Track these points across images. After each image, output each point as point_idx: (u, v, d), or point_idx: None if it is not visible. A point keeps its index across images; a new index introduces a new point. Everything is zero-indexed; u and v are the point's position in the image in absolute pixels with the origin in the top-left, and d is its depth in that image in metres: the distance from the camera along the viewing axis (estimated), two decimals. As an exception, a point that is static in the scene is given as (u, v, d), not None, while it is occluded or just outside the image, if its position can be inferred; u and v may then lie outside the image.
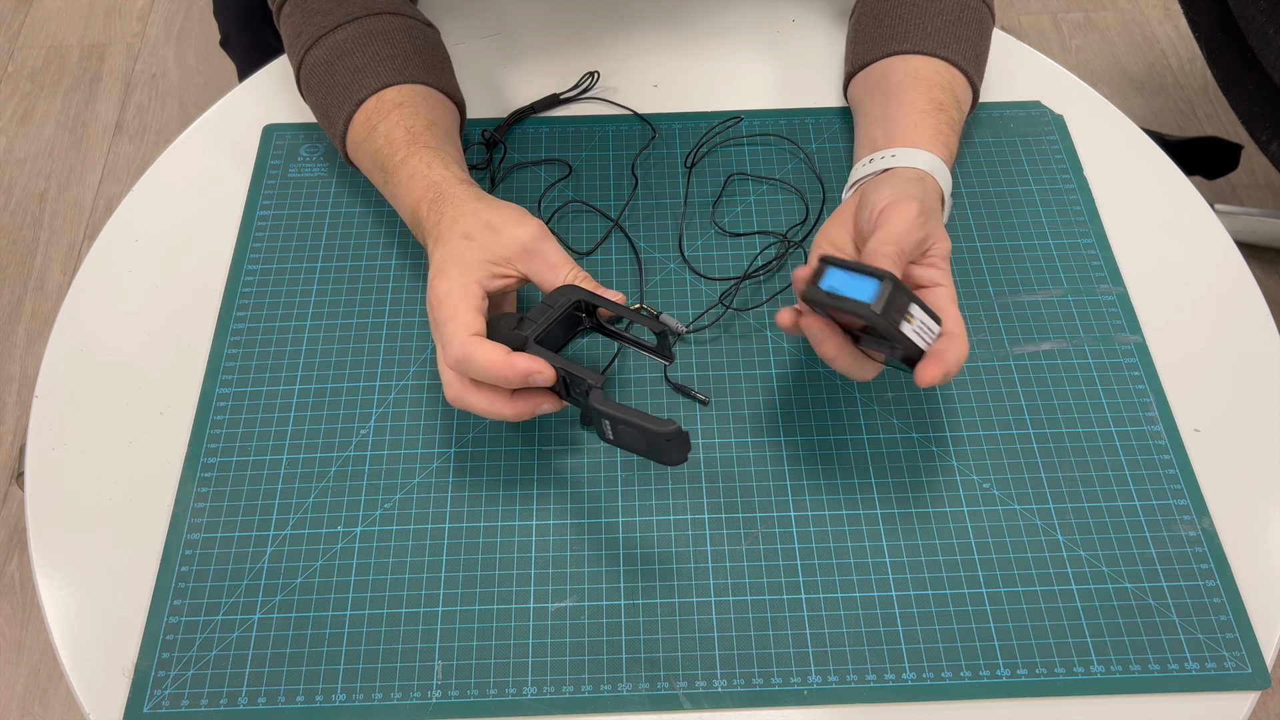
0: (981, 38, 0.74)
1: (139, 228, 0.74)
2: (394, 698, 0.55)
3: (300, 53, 0.72)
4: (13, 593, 1.29)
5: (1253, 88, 1.14)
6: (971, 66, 0.71)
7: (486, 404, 0.56)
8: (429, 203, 0.62)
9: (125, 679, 0.56)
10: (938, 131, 0.66)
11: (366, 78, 0.69)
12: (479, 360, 0.54)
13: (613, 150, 0.78)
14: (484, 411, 0.57)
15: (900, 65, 0.71)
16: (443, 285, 0.57)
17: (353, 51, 0.70)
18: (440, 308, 0.57)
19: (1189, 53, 1.81)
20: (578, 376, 0.55)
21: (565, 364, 0.55)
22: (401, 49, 0.71)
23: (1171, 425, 0.64)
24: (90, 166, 1.70)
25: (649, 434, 0.53)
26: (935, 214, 0.60)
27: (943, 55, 0.70)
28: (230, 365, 0.67)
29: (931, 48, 0.70)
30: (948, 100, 0.68)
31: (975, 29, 0.73)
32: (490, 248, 0.58)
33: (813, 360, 0.66)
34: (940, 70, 0.70)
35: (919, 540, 0.60)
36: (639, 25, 0.86)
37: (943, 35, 0.71)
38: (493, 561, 0.59)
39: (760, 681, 0.55)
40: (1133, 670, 0.55)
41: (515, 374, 0.54)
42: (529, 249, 0.58)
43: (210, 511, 0.61)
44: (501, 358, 0.54)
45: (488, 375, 0.55)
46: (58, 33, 1.90)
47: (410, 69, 0.70)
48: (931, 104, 0.67)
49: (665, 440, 0.52)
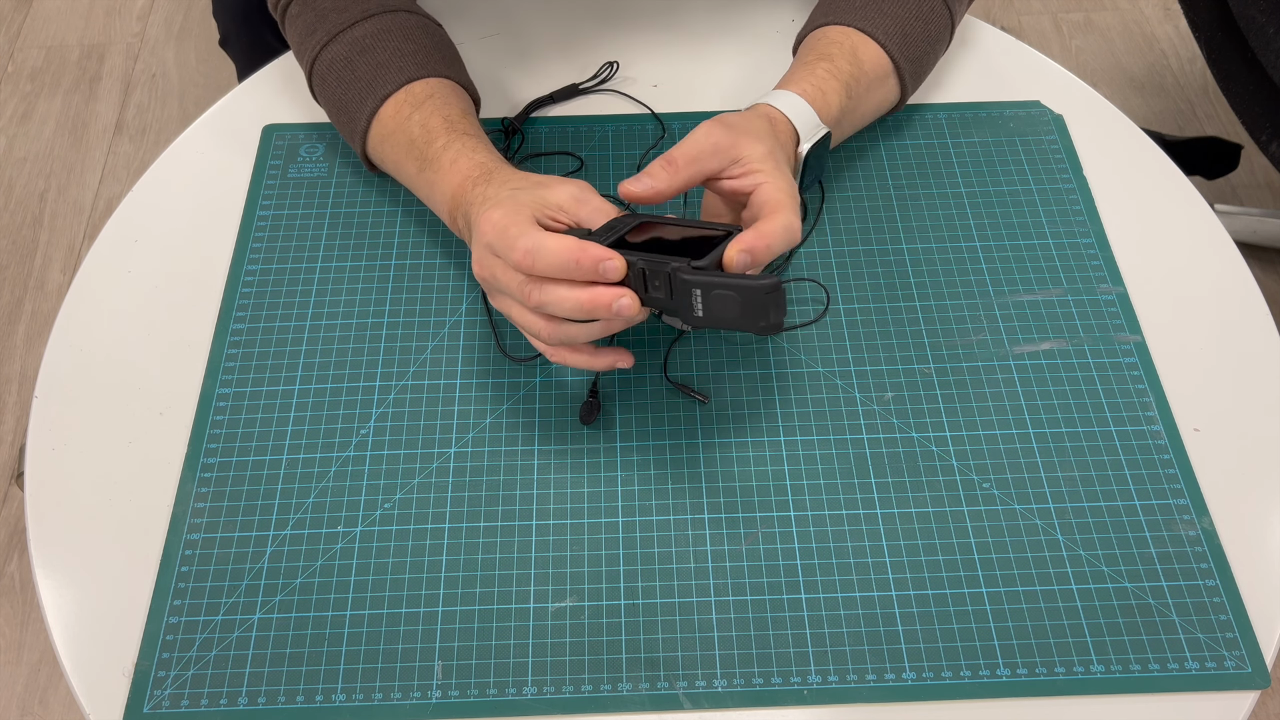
0: (915, 19, 0.72)
1: (139, 228, 0.74)
2: (394, 698, 0.55)
3: (315, 50, 0.72)
4: (13, 593, 1.29)
5: (1253, 88, 1.13)
6: (889, 39, 0.71)
7: (566, 294, 0.54)
8: (474, 180, 0.63)
9: (125, 679, 0.56)
10: (807, 75, 0.68)
11: (391, 72, 0.69)
12: (551, 247, 0.53)
13: (626, 148, 0.78)
14: (564, 300, 0.54)
15: (812, 35, 0.73)
16: (497, 214, 0.57)
17: (374, 47, 0.70)
18: (501, 232, 0.56)
19: (1189, 53, 1.81)
20: (657, 267, 0.53)
21: (641, 256, 0.53)
22: (422, 45, 0.71)
23: (1171, 425, 0.64)
24: (90, 166, 1.70)
25: (748, 292, 0.50)
26: (740, 128, 0.61)
27: (852, 24, 0.71)
28: (230, 365, 0.67)
29: (848, 19, 0.72)
30: (838, 53, 0.70)
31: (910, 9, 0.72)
32: (540, 196, 0.59)
33: (812, 360, 0.66)
34: (844, 34, 0.71)
35: (919, 540, 0.60)
36: (639, 25, 0.86)
37: (866, 10, 0.72)
38: (493, 561, 0.59)
39: (760, 681, 0.55)
40: (1133, 670, 0.55)
41: (587, 257, 0.53)
42: (579, 198, 0.59)
43: (210, 511, 0.61)
44: (574, 242, 0.53)
45: (559, 261, 0.53)
46: (58, 33, 1.90)
47: (433, 64, 0.71)
48: (816, 56, 0.70)
49: (765, 294, 0.50)
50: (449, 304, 0.70)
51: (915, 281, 0.70)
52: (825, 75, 0.68)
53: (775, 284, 0.50)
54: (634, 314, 0.55)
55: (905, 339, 0.67)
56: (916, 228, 0.73)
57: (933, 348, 0.67)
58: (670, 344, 0.67)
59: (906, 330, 0.68)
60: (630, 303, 0.54)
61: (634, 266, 0.54)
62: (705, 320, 0.53)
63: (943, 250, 0.72)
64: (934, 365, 0.66)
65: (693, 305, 0.53)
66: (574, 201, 0.59)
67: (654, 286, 0.54)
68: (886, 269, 0.71)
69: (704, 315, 0.53)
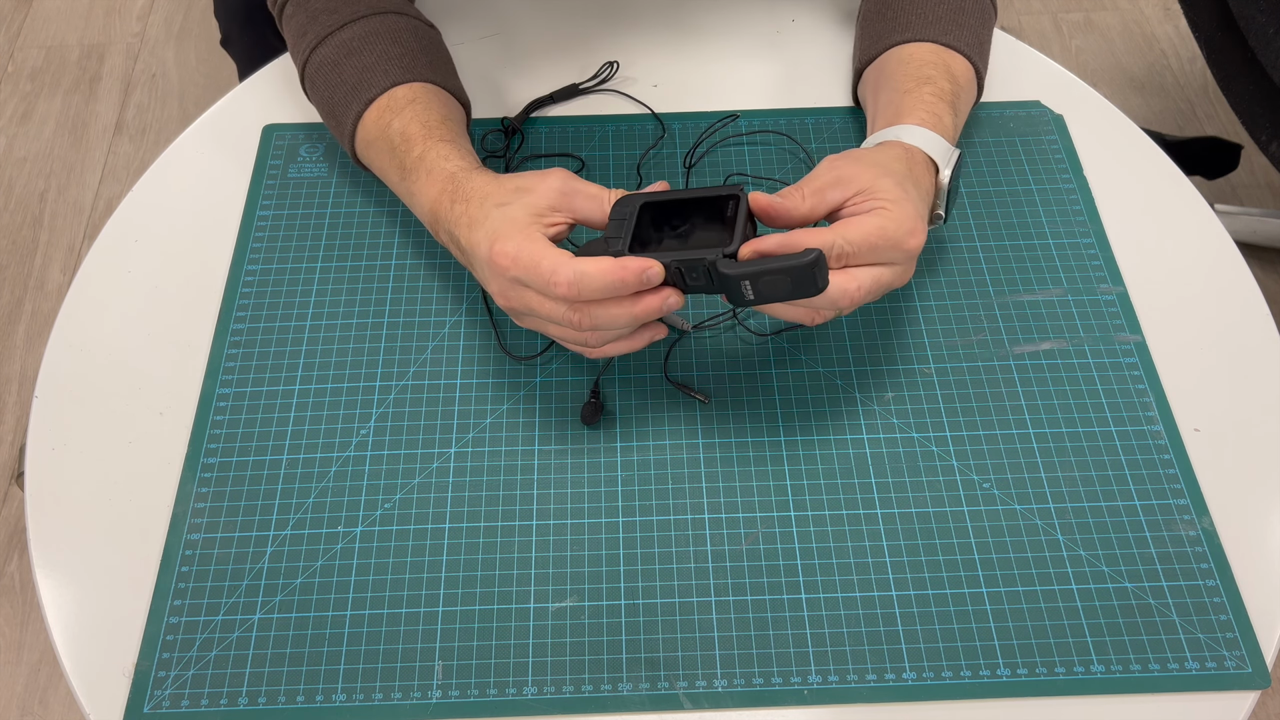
0: (983, 26, 0.74)
1: (139, 228, 0.74)
2: (394, 698, 0.55)
3: (305, 52, 0.72)
4: (13, 593, 1.29)
5: (1253, 88, 1.14)
6: (972, 50, 0.72)
7: (620, 336, 0.58)
8: (450, 194, 0.62)
9: (125, 679, 0.56)
10: (918, 103, 0.67)
11: (376, 76, 0.69)
12: (593, 273, 0.54)
13: (625, 148, 0.78)
14: (624, 345, 0.58)
15: (894, 55, 0.71)
16: (510, 245, 0.57)
17: (361, 50, 0.70)
18: (521, 260, 0.56)
19: (1189, 53, 1.81)
20: (694, 260, 0.55)
21: (674, 255, 0.55)
22: (409, 48, 0.71)
23: (1171, 425, 0.64)
24: (90, 166, 1.70)
25: (793, 271, 0.53)
26: (868, 160, 0.61)
27: (936, 39, 0.71)
28: (230, 365, 0.67)
29: (930, 35, 0.71)
30: (936, 74, 0.69)
31: (976, 17, 0.73)
32: (530, 204, 0.59)
33: (812, 360, 0.66)
34: (934, 52, 0.70)
35: (919, 540, 0.60)
36: (639, 25, 0.86)
37: (944, 23, 0.71)
38: (493, 561, 0.59)
39: (760, 681, 0.55)
40: (1133, 670, 0.55)
41: (630, 273, 0.54)
42: (564, 191, 0.59)
43: (210, 511, 0.61)
44: (614, 263, 0.55)
45: (605, 284, 0.54)
46: (58, 33, 1.90)
47: (419, 68, 0.70)
48: (915, 81, 0.68)
49: (811, 268, 0.53)
50: (449, 304, 0.70)
51: (915, 281, 0.70)
52: (933, 99, 0.67)
53: (818, 255, 0.53)
54: (680, 305, 0.57)
55: (905, 339, 0.67)
56: (916, 228, 0.73)
57: (933, 348, 0.67)
58: (670, 344, 0.67)
59: (906, 330, 0.68)
60: (677, 300, 0.57)
61: (669, 267, 0.56)
62: (755, 301, 0.56)
63: (943, 250, 0.72)
64: (934, 365, 0.66)
65: (743, 292, 0.55)
66: (563, 197, 0.59)
67: (692, 278, 0.56)
68: (886, 269, 0.71)
69: (755, 298, 0.56)
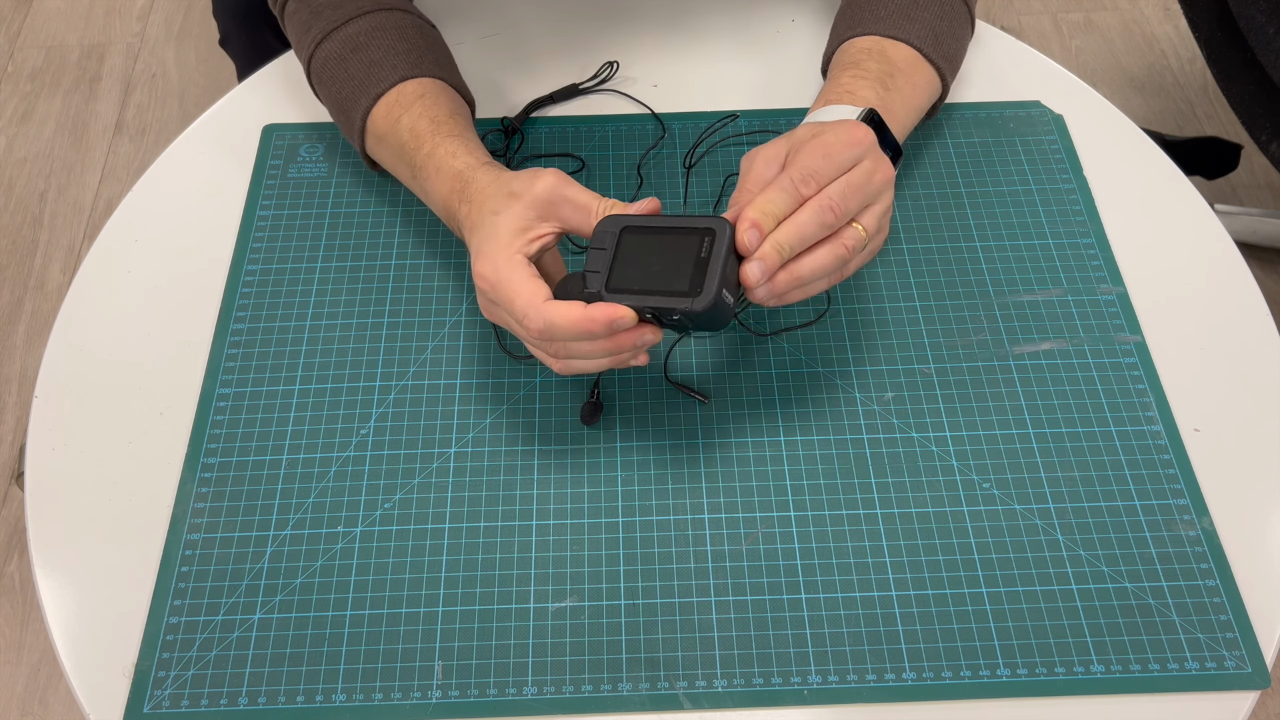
0: (940, 18, 0.72)
1: (139, 228, 0.74)
2: (394, 698, 0.55)
3: (310, 47, 0.72)
4: (13, 593, 1.29)
5: (1253, 88, 1.13)
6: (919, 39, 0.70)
7: (591, 360, 0.57)
8: (458, 194, 0.63)
9: (125, 679, 0.56)
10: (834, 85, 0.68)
11: (384, 71, 0.69)
12: (561, 324, 0.55)
13: (625, 148, 0.78)
14: (594, 366, 0.58)
15: (838, 51, 0.72)
16: (488, 267, 0.58)
17: (367, 45, 0.70)
18: (499, 289, 0.57)
19: (1189, 53, 1.81)
20: (666, 310, 0.55)
21: (645, 301, 0.55)
22: (415, 44, 0.71)
23: (1171, 425, 0.64)
24: (90, 166, 1.70)
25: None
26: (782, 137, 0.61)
27: (880, 33, 0.70)
28: (230, 365, 0.67)
29: (875, 29, 0.70)
30: (865, 59, 0.69)
31: (933, 11, 0.72)
32: (517, 214, 0.59)
33: (812, 360, 0.66)
34: (874, 41, 0.70)
35: (919, 540, 0.59)
36: (639, 25, 0.86)
37: (894, 18, 0.71)
38: (493, 561, 0.59)
39: (760, 681, 0.55)
40: (1133, 670, 0.55)
41: (597, 326, 0.55)
42: (551, 200, 0.59)
43: (210, 511, 0.61)
44: (580, 313, 0.55)
45: (574, 335, 0.55)
46: (58, 33, 1.90)
47: (425, 64, 0.70)
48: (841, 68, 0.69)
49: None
50: (449, 304, 0.70)
51: (915, 281, 0.70)
52: (851, 79, 0.67)
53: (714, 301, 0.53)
54: (657, 342, 0.57)
55: (905, 339, 0.67)
56: (916, 228, 0.73)
57: (933, 348, 0.67)
58: (670, 344, 0.67)
59: (906, 330, 0.68)
60: (653, 337, 0.57)
61: (642, 312, 0.56)
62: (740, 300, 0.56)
63: (943, 250, 0.72)
64: (934, 365, 0.66)
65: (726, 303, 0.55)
66: (548, 207, 0.59)
67: (669, 320, 0.56)
68: (886, 269, 0.71)
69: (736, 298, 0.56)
